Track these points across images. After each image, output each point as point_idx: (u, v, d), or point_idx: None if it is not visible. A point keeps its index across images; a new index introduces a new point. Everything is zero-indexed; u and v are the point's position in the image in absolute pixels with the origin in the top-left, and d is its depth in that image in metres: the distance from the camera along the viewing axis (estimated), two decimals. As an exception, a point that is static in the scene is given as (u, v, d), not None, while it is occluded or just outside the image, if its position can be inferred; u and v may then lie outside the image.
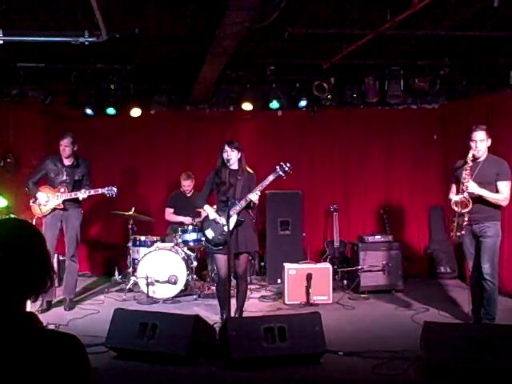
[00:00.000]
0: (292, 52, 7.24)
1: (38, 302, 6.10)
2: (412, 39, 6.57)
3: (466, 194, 5.32)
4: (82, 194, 6.31)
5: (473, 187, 5.29)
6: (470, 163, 5.33)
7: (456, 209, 5.35)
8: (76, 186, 6.47)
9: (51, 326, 5.26)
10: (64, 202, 6.37)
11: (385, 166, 8.96)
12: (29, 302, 1.60)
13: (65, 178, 6.47)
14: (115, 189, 6.46)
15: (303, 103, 8.48)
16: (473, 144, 5.37)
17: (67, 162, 6.50)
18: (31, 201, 6.50)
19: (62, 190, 6.38)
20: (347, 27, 5.93)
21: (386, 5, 5.40)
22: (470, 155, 5.33)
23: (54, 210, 6.39)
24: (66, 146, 6.41)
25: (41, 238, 1.63)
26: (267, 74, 8.01)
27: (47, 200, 6.39)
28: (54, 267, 1.64)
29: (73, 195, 6.35)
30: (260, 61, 7.64)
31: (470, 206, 5.29)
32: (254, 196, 5.45)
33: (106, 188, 6.44)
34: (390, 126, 8.95)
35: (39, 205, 6.40)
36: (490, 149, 5.49)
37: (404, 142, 8.88)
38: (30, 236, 1.61)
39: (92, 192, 6.38)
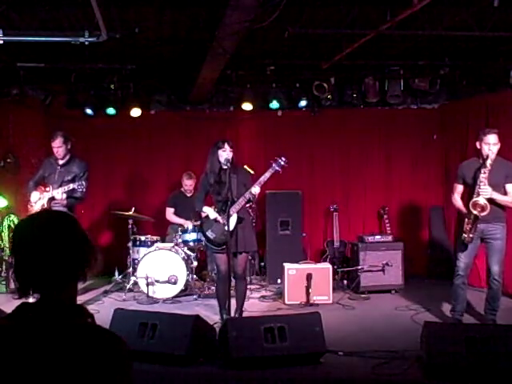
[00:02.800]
0: (292, 52, 7.25)
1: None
2: (412, 39, 6.57)
3: (481, 198, 5.31)
4: (57, 195, 6.13)
5: (489, 191, 5.30)
6: (489, 167, 5.31)
7: (475, 212, 5.33)
8: (64, 185, 6.25)
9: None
10: (49, 202, 6.22)
11: (385, 165, 8.96)
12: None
13: (56, 177, 6.34)
14: (85, 183, 6.17)
15: (303, 103, 8.48)
16: (486, 147, 5.36)
17: (61, 161, 6.40)
18: (28, 202, 6.45)
19: (48, 189, 6.25)
20: (347, 27, 5.92)
21: (385, 5, 5.40)
22: (489, 160, 5.30)
23: None
24: (58, 148, 6.30)
25: (76, 221, 1.67)
26: (267, 74, 8.01)
27: (36, 201, 6.29)
28: (93, 245, 1.68)
29: (52, 194, 6.18)
30: (260, 61, 7.64)
31: (488, 209, 5.30)
32: (256, 189, 5.39)
33: (77, 183, 6.16)
34: (389, 126, 8.95)
35: (32, 206, 6.32)
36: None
37: (404, 142, 8.88)
38: (68, 220, 1.65)
39: (65, 188, 6.14)
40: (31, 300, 1.56)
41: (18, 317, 1.53)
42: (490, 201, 5.33)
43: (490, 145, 5.36)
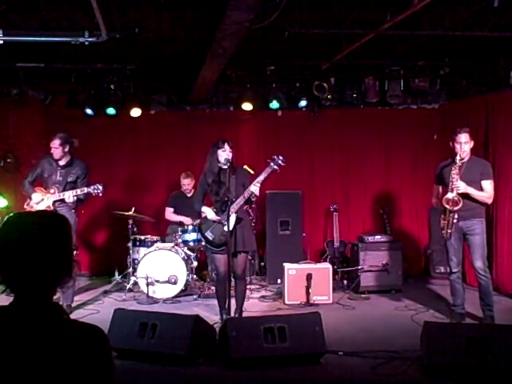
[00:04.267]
0: (292, 52, 7.25)
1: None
2: (412, 39, 6.57)
3: (455, 193, 5.55)
4: (68, 198, 6.09)
5: (462, 186, 5.54)
6: (459, 163, 5.57)
7: (447, 206, 5.60)
8: (68, 187, 6.25)
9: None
10: (54, 203, 6.19)
11: (385, 166, 8.96)
12: None
13: (58, 178, 6.28)
14: (101, 187, 6.16)
15: (303, 103, 8.48)
16: (458, 146, 5.63)
17: (61, 162, 6.35)
18: (26, 202, 6.40)
19: (52, 191, 6.21)
20: (347, 27, 5.92)
21: (385, 5, 5.40)
22: (457, 157, 5.57)
23: None
24: (55, 148, 6.25)
25: (70, 231, 1.65)
26: (267, 74, 8.01)
27: (38, 202, 6.25)
28: (75, 262, 1.67)
29: (61, 196, 6.15)
30: (260, 61, 7.64)
31: (461, 204, 5.54)
32: (255, 188, 5.37)
33: (92, 187, 6.15)
34: (390, 126, 8.95)
35: (31, 207, 6.27)
36: (491, 148, 5.66)
37: (404, 142, 8.88)
38: (63, 228, 1.62)
39: (78, 191, 6.13)
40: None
41: None
42: (467, 197, 5.58)
43: (462, 143, 5.62)
